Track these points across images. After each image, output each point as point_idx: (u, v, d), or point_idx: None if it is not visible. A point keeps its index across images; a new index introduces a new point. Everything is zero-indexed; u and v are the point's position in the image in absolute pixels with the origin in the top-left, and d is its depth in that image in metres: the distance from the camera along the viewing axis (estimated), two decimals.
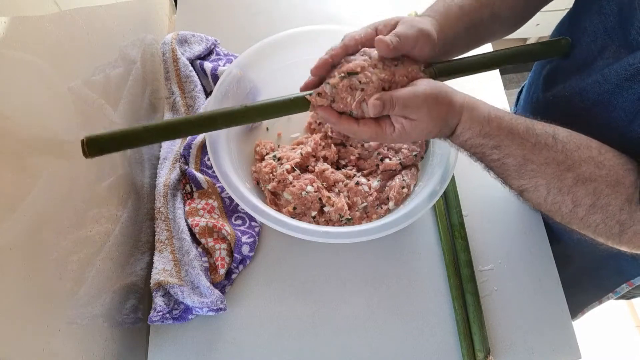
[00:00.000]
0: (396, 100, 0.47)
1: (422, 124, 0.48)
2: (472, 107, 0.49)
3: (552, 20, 0.68)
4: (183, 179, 0.71)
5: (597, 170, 0.46)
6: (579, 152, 0.47)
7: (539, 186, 0.48)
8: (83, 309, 0.50)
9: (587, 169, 0.46)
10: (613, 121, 0.52)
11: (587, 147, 0.47)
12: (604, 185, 0.45)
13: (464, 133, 0.49)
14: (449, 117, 0.48)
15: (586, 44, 0.55)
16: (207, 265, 0.64)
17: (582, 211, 0.47)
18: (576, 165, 0.46)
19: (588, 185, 0.46)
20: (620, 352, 1.52)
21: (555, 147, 0.47)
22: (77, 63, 0.53)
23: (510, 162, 0.48)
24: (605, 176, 0.46)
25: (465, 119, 0.48)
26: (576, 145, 0.47)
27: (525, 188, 0.49)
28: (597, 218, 0.46)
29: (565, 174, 0.46)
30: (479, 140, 0.48)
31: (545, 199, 0.48)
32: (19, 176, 0.40)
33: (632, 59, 0.47)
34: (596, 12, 0.53)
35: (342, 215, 0.65)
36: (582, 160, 0.46)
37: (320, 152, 0.71)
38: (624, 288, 0.73)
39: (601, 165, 0.46)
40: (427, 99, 0.47)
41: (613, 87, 0.50)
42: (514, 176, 0.49)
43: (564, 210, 0.48)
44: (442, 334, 0.64)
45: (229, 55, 0.84)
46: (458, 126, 0.49)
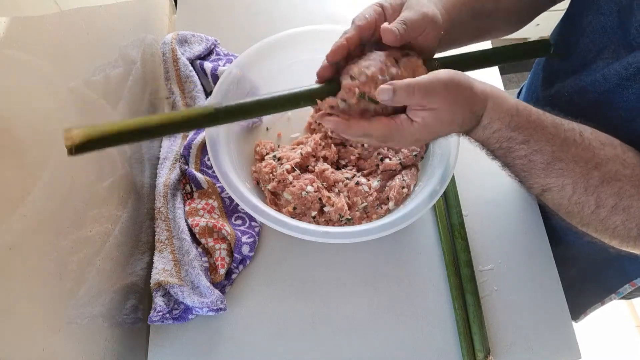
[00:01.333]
0: (415, 86, 0.42)
1: (445, 113, 0.43)
2: (499, 96, 0.45)
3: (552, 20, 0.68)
4: (183, 179, 0.71)
5: (622, 169, 0.44)
6: (605, 150, 0.45)
7: (566, 185, 0.45)
8: (83, 309, 0.50)
9: (612, 167, 0.44)
10: (614, 120, 0.51)
11: (612, 145, 0.46)
12: (629, 186, 0.44)
13: (492, 124, 0.44)
14: (472, 104, 0.44)
15: (585, 44, 0.55)
16: (207, 265, 0.64)
17: (604, 212, 0.45)
18: (603, 164, 0.44)
19: (613, 185, 0.44)
20: (620, 352, 1.52)
21: (582, 144, 0.44)
22: (77, 63, 0.53)
23: (538, 159, 0.44)
24: (630, 176, 0.44)
25: (491, 107, 0.44)
26: (601, 143, 0.45)
27: (549, 187, 0.46)
28: (617, 220, 0.45)
29: (592, 173, 0.44)
30: (508, 133, 0.44)
31: (569, 199, 0.46)
32: (19, 176, 0.40)
33: (632, 59, 0.47)
34: (595, 13, 0.53)
35: (342, 215, 0.65)
36: (609, 158, 0.44)
37: (320, 152, 0.71)
38: (627, 288, 0.72)
39: (626, 164, 0.44)
40: (449, 83, 0.43)
41: (613, 87, 0.50)
42: (539, 174, 0.45)
43: (585, 211, 0.46)
44: (442, 334, 0.64)
45: (229, 55, 0.84)
46: (484, 116, 0.44)
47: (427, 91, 0.42)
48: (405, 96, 0.43)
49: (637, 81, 0.47)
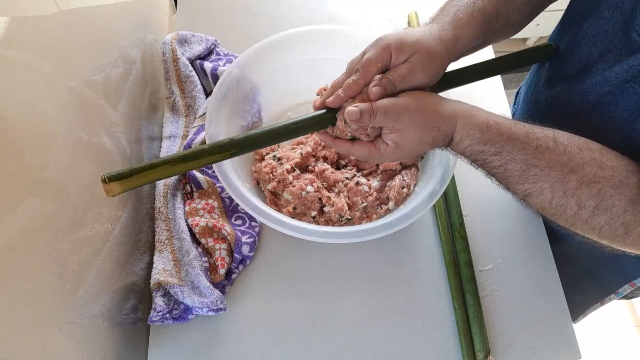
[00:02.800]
0: (377, 109, 0.48)
1: (411, 133, 0.48)
2: (468, 114, 0.49)
3: (552, 20, 0.68)
4: (183, 179, 0.71)
5: (600, 172, 0.46)
6: (581, 154, 0.46)
7: (544, 190, 0.47)
8: (83, 309, 0.50)
9: (590, 171, 0.46)
10: (615, 122, 0.51)
11: (589, 149, 0.47)
12: (608, 187, 0.45)
13: (463, 140, 0.48)
14: (440, 124, 0.48)
15: (587, 47, 0.55)
16: (207, 265, 0.64)
17: (587, 213, 0.46)
18: (579, 167, 0.46)
19: (592, 187, 0.45)
20: (620, 352, 1.52)
21: (557, 149, 0.47)
22: (77, 63, 0.53)
23: (512, 167, 0.47)
24: (609, 177, 0.45)
25: (461, 126, 0.48)
26: (578, 148, 0.47)
27: (529, 193, 0.48)
28: (601, 220, 0.46)
29: (569, 176, 0.46)
30: (480, 147, 0.48)
31: (550, 203, 0.48)
32: (19, 176, 0.40)
33: (633, 61, 0.47)
34: (596, 16, 0.53)
35: (342, 215, 0.65)
36: (585, 162, 0.46)
37: (320, 152, 0.71)
38: (626, 289, 0.72)
39: (604, 166, 0.46)
40: (407, 105, 0.48)
41: (614, 89, 0.50)
42: (517, 181, 0.48)
43: (568, 213, 0.47)
44: (442, 334, 0.64)
45: (229, 55, 0.84)
46: (455, 133, 0.49)
47: (386, 112, 0.48)
48: (367, 117, 0.48)
49: (638, 83, 0.47)
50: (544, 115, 0.67)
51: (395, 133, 0.49)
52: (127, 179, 0.48)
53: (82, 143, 0.52)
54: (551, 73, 0.64)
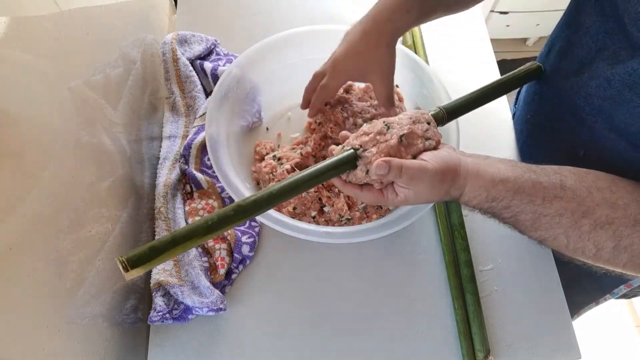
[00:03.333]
0: (405, 171, 0.48)
1: (424, 196, 0.50)
2: (476, 174, 0.49)
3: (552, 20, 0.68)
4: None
5: (612, 213, 0.45)
6: (591, 197, 0.46)
7: (558, 236, 0.47)
8: (83, 309, 0.50)
9: (602, 213, 0.46)
10: (619, 129, 0.51)
11: (598, 188, 0.47)
12: (623, 227, 0.45)
13: (471, 201, 0.50)
14: (452, 189, 0.49)
15: (586, 44, 0.55)
16: (207, 265, 0.64)
17: (607, 254, 0.46)
18: (590, 211, 0.46)
19: (607, 229, 0.45)
20: (620, 352, 1.52)
21: (565, 196, 0.47)
22: (77, 63, 0.53)
23: (523, 218, 0.48)
24: (622, 217, 0.45)
25: (469, 189, 0.49)
26: (587, 190, 0.47)
27: (544, 238, 0.49)
28: (623, 258, 0.46)
29: (581, 221, 0.46)
30: (487, 204, 0.49)
31: (566, 247, 0.48)
32: (19, 176, 0.40)
33: (636, 64, 0.47)
34: (597, 14, 0.53)
35: (342, 215, 0.65)
36: (596, 204, 0.46)
37: (320, 152, 0.71)
38: (622, 289, 0.73)
39: (616, 206, 0.46)
40: (435, 175, 0.48)
41: (616, 94, 0.50)
42: (530, 229, 0.49)
43: (588, 254, 0.47)
44: (442, 334, 0.64)
45: (229, 55, 0.84)
46: (463, 195, 0.50)
47: (412, 178, 0.48)
48: (394, 175, 0.49)
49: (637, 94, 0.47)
50: (545, 115, 0.67)
51: (410, 191, 0.49)
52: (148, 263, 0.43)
53: (82, 143, 0.52)
54: (553, 71, 0.64)
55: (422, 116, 0.54)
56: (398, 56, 0.62)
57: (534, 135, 0.73)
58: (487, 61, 0.88)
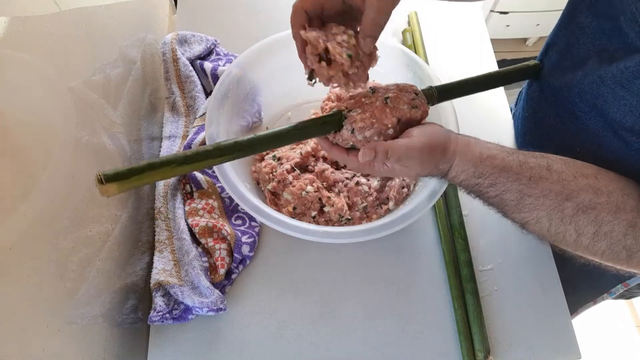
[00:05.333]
0: (392, 153, 0.49)
1: (412, 170, 0.50)
2: (464, 150, 0.49)
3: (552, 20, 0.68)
4: (183, 179, 0.71)
5: (596, 198, 0.46)
6: (576, 181, 0.47)
7: (541, 218, 0.48)
8: (83, 309, 0.50)
9: (585, 197, 0.46)
10: (612, 126, 0.51)
11: (583, 175, 0.47)
12: (605, 212, 0.45)
13: (458, 176, 0.50)
14: (441, 163, 0.50)
15: (584, 43, 0.55)
16: (207, 265, 0.64)
17: (587, 240, 0.46)
18: (574, 195, 0.46)
19: (589, 214, 0.46)
20: (620, 352, 1.52)
21: (551, 178, 0.47)
22: (77, 63, 0.53)
23: (508, 197, 0.48)
24: (605, 203, 0.46)
25: (457, 163, 0.49)
26: (572, 175, 0.47)
27: (526, 221, 0.49)
28: (602, 245, 0.46)
29: (565, 204, 0.46)
30: (474, 180, 0.49)
31: (548, 230, 0.48)
32: (19, 176, 0.40)
33: (629, 62, 0.47)
34: (593, 15, 0.53)
35: (342, 215, 0.65)
36: (580, 188, 0.46)
37: (320, 152, 0.71)
38: (619, 289, 0.73)
39: (600, 192, 0.46)
40: (422, 151, 0.49)
41: (608, 91, 0.50)
42: (513, 210, 0.49)
43: (568, 240, 0.48)
44: (442, 334, 0.64)
45: (229, 55, 0.84)
46: (450, 170, 0.50)
47: (399, 158, 0.49)
48: (381, 159, 0.49)
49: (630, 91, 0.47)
50: (544, 113, 0.67)
51: (399, 165, 0.50)
52: (125, 180, 0.44)
53: (82, 143, 0.52)
54: (551, 69, 0.64)
55: (410, 87, 0.55)
56: (398, 56, 0.62)
57: (533, 133, 0.73)
58: (487, 61, 0.88)
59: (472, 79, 0.64)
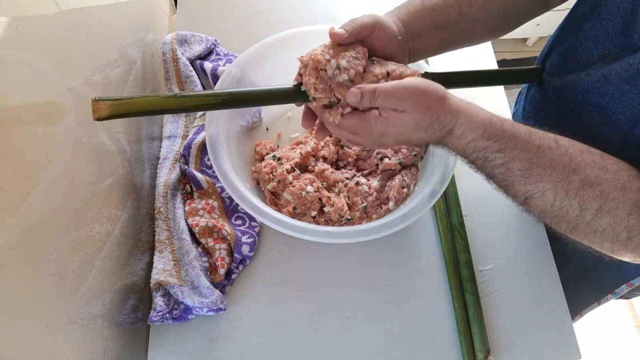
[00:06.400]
0: (379, 92, 0.47)
1: (410, 116, 0.47)
2: (472, 110, 0.48)
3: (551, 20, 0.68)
4: (183, 179, 0.71)
5: (602, 174, 0.45)
6: (583, 156, 0.46)
7: (546, 191, 0.46)
8: (83, 309, 0.50)
9: (592, 172, 0.45)
10: (615, 125, 0.51)
11: (590, 152, 0.47)
12: (611, 189, 0.44)
13: (465, 135, 0.47)
14: (441, 113, 0.47)
15: (588, 48, 0.55)
16: (207, 265, 0.64)
17: (589, 215, 0.45)
18: (581, 168, 0.45)
19: (595, 188, 0.45)
20: (620, 352, 1.52)
21: (559, 150, 0.46)
22: (77, 63, 0.53)
23: (515, 166, 0.46)
24: (611, 180, 0.45)
25: (464, 120, 0.47)
26: (579, 150, 0.47)
27: (531, 194, 0.47)
28: (604, 222, 0.45)
29: (572, 177, 0.45)
30: (483, 142, 0.47)
31: (552, 205, 0.47)
32: (19, 176, 0.40)
33: (633, 59, 0.47)
34: (597, 17, 0.53)
35: (342, 215, 0.65)
36: (587, 163, 0.46)
37: (320, 152, 0.71)
38: (624, 289, 0.72)
39: (606, 169, 0.45)
40: (412, 90, 0.46)
41: (614, 89, 0.50)
42: (519, 182, 0.47)
43: (571, 215, 0.46)
44: (442, 334, 0.64)
45: (229, 55, 0.84)
46: (456, 127, 0.47)
47: (388, 95, 0.46)
48: (368, 98, 0.47)
49: (636, 86, 0.47)
50: (544, 114, 0.67)
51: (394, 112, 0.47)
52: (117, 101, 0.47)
53: (82, 143, 0.52)
54: (554, 71, 0.64)
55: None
56: None
57: None
58: (487, 61, 0.88)
59: (470, 72, 0.64)
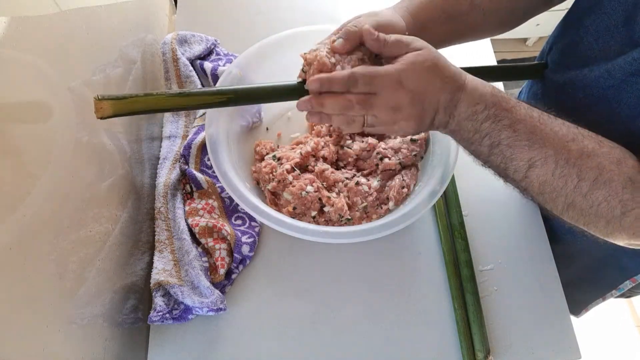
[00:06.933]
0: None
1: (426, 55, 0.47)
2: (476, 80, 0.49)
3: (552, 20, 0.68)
4: (183, 179, 0.71)
5: (598, 147, 0.46)
6: (579, 130, 0.48)
7: (548, 157, 0.47)
8: (83, 309, 0.50)
9: (589, 144, 0.47)
10: (617, 116, 0.52)
11: (586, 130, 0.48)
12: (607, 162, 0.46)
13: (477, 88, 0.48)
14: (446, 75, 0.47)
15: (589, 43, 0.55)
16: (207, 265, 0.64)
17: (586, 186, 0.46)
18: (579, 139, 0.47)
19: (593, 159, 0.46)
20: (620, 352, 1.52)
21: (557, 120, 0.48)
22: (77, 63, 0.53)
23: (521, 128, 0.47)
24: (607, 153, 0.46)
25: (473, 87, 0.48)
26: (575, 127, 0.48)
27: (534, 161, 0.47)
28: (600, 195, 0.46)
29: (570, 145, 0.46)
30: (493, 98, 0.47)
31: (553, 173, 0.47)
32: (18, 176, 0.40)
33: (637, 54, 0.47)
34: (598, 12, 0.53)
35: (342, 215, 0.65)
36: (584, 136, 0.47)
37: (320, 152, 0.71)
38: (627, 285, 0.73)
39: (602, 143, 0.47)
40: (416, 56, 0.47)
41: (618, 83, 0.50)
42: (524, 145, 0.47)
43: (569, 186, 0.47)
44: (442, 334, 0.64)
45: (229, 55, 0.84)
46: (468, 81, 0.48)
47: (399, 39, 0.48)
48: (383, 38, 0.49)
49: None
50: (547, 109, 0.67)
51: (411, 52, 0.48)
52: (119, 100, 0.48)
53: (82, 143, 0.52)
54: (555, 68, 0.64)
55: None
56: None
57: None
58: (487, 61, 0.88)
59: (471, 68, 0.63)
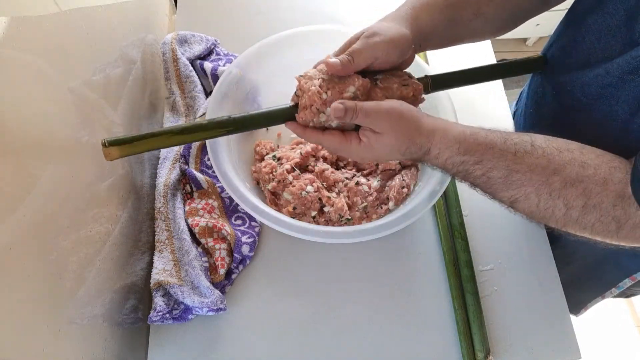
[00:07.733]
0: (359, 108, 0.49)
1: (386, 138, 0.50)
2: (445, 128, 0.50)
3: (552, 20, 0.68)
4: (183, 179, 0.71)
5: (582, 171, 0.46)
6: (561, 155, 0.47)
7: (529, 194, 0.47)
8: (83, 309, 0.50)
9: (572, 170, 0.46)
10: (615, 114, 0.52)
11: (568, 149, 0.48)
12: (593, 185, 0.45)
13: (442, 153, 0.49)
14: (417, 136, 0.49)
15: (590, 42, 0.55)
16: (207, 265, 0.64)
17: (576, 213, 0.46)
18: (561, 168, 0.46)
19: (577, 186, 0.46)
20: (620, 352, 1.52)
21: (535, 153, 0.47)
22: (77, 63, 0.53)
23: (495, 175, 0.48)
24: (592, 175, 0.46)
25: (439, 139, 0.49)
26: (557, 149, 0.47)
27: (515, 199, 0.49)
28: (591, 218, 0.46)
29: (552, 178, 0.46)
30: (460, 157, 0.49)
31: (537, 206, 0.48)
32: (19, 176, 0.40)
33: (635, 52, 0.47)
34: (600, 12, 0.53)
35: (342, 215, 0.65)
36: (566, 162, 0.46)
37: (320, 152, 0.71)
38: (627, 283, 0.73)
39: (586, 165, 0.46)
40: (390, 112, 0.49)
41: (616, 80, 0.50)
42: (501, 189, 0.49)
43: (557, 215, 0.47)
44: (442, 334, 0.64)
45: (229, 55, 0.84)
46: (432, 147, 0.50)
47: (367, 113, 0.49)
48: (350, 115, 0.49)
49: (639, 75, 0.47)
50: (546, 109, 0.67)
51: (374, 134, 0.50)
52: (127, 145, 0.50)
53: (82, 143, 0.52)
54: (555, 67, 0.64)
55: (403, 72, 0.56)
56: None
57: (536, 127, 0.73)
58: (487, 61, 0.88)
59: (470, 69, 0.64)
